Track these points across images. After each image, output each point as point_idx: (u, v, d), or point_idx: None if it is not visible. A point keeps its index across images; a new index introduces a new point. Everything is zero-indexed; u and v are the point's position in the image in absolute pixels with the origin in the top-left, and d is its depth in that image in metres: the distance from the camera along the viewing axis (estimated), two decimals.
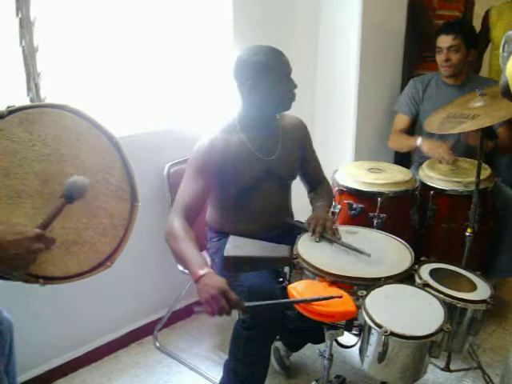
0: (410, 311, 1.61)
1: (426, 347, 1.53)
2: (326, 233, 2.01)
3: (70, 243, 1.53)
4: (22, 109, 1.50)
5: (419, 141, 2.91)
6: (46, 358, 2.39)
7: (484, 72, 3.40)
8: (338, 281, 1.74)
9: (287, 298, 1.71)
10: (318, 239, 1.99)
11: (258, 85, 2.00)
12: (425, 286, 1.73)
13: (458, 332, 1.71)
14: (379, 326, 1.52)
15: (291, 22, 3.03)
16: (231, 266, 1.85)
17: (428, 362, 1.58)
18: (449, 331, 1.52)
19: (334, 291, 1.67)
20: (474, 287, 1.76)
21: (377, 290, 1.69)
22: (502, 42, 1.61)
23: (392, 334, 1.49)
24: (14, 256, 1.33)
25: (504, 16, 3.30)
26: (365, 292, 1.66)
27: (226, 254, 1.84)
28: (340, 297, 1.61)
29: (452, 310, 1.68)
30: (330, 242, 1.98)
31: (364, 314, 1.58)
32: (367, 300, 1.63)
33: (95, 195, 1.58)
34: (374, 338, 1.56)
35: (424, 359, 1.55)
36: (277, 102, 2.05)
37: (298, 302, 1.65)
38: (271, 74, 1.99)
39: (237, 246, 1.87)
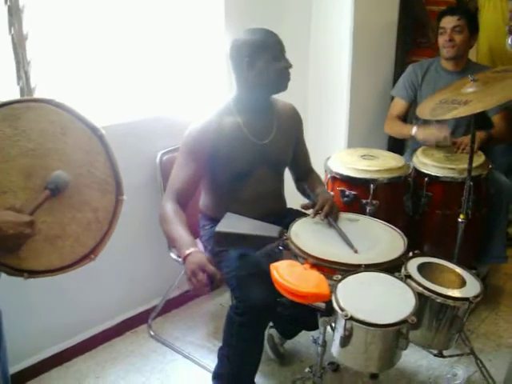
0: (380, 300, 1.60)
1: (389, 336, 1.51)
2: (330, 215, 2.02)
3: (54, 237, 1.52)
4: (7, 104, 1.50)
5: (414, 130, 2.90)
6: (39, 347, 2.39)
7: (472, 56, 3.38)
8: (318, 264, 1.75)
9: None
10: (322, 218, 2.01)
11: (255, 62, 2.01)
12: (406, 277, 1.71)
13: (440, 329, 1.69)
14: (342, 310, 1.52)
15: (284, 9, 3.01)
16: (222, 242, 1.89)
17: (398, 352, 1.57)
18: (414, 323, 1.50)
19: (313, 274, 1.69)
20: (462, 284, 1.73)
21: (353, 276, 1.69)
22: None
23: (352, 318, 1.49)
24: (6, 237, 1.34)
25: None
26: (340, 276, 1.67)
27: (217, 229, 1.87)
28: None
29: (433, 305, 1.67)
30: (330, 225, 2.00)
31: (332, 297, 1.58)
32: (340, 285, 1.64)
33: (79, 189, 1.57)
34: (339, 322, 1.57)
35: (391, 349, 1.54)
36: (273, 79, 2.05)
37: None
38: (267, 52, 2.01)
39: (229, 223, 1.90)
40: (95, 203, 1.61)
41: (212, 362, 2.19)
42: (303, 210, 2.13)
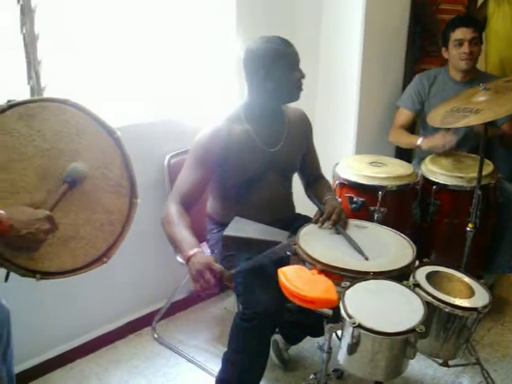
0: (388, 308, 1.59)
1: (397, 345, 1.50)
2: (338, 223, 2.02)
3: (68, 238, 1.52)
4: (23, 103, 1.49)
5: (420, 141, 2.89)
6: (44, 348, 2.39)
7: (480, 65, 3.37)
8: (326, 270, 1.74)
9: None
10: (330, 226, 2.00)
11: (271, 73, 1.99)
12: (415, 286, 1.70)
13: (448, 338, 1.68)
14: (350, 317, 1.51)
15: (294, 15, 3.01)
16: (229, 246, 1.89)
17: (405, 361, 1.56)
18: (422, 332, 1.48)
19: (322, 280, 1.68)
20: (471, 294, 1.72)
21: (362, 283, 1.68)
22: None
23: (360, 326, 1.48)
24: (25, 236, 1.33)
25: (502, 6, 3.27)
26: (348, 283, 1.66)
27: (225, 233, 1.87)
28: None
29: (441, 315, 1.65)
30: (338, 232, 1.99)
31: (340, 304, 1.57)
32: (348, 291, 1.63)
33: (94, 191, 1.57)
34: (346, 329, 1.56)
35: (398, 358, 1.52)
36: (287, 90, 2.04)
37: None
38: (283, 62, 2.00)
39: (237, 227, 1.91)
40: (109, 205, 1.60)
41: (216, 366, 2.18)
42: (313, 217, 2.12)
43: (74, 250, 1.53)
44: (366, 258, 1.83)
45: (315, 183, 2.36)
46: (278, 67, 1.99)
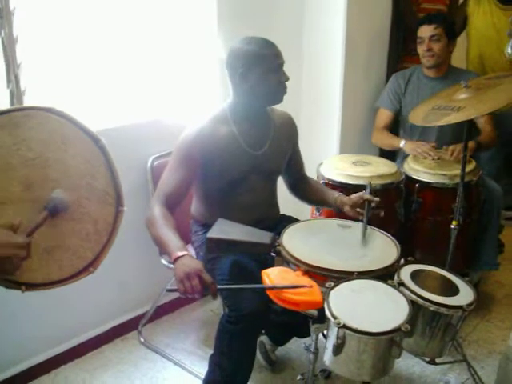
0: (373, 308, 1.59)
1: (382, 345, 1.50)
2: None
3: (53, 249, 1.49)
4: (6, 112, 1.47)
5: (402, 143, 2.91)
6: (28, 354, 2.36)
7: (461, 63, 3.38)
8: (310, 271, 1.73)
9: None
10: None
11: (249, 73, 1.99)
12: (399, 285, 1.69)
13: (433, 336, 1.68)
14: (334, 318, 1.51)
15: (276, 16, 3.01)
16: (213, 248, 1.87)
17: (391, 361, 1.55)
18: (407, 331, 1.48)
19: (305, 281, 1.66)
20: (456, 292, 1.72)
21: (346, 283, 1.67)
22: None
23: (345, 326, 1.47)
24: (1, 259, 1.30)
25: (482, 5, 3.29)
26: (332, 284, 1.65)
27: (209, 235, 1.85)
28: (311, 286, 1.62)
29: (426, 313, 1.65)
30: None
31: (325, 304, 1.57)
32: (332, 292, 1.62)
33: (79, 200, 1.55)
34: (331, 330, 1.55)
35: (383, 358, 1.52)
36: (267, 93, 2.04)
37: (268, 289, 1.66)
38: (262, 63, 1.98)
39: (221, 229, 1.88)
40: (95, 214, 1.58)
41: (203, 369, 2.17)
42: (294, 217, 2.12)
43: (60, 260, 1.51)
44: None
45: (306, 183, 2.38)
46: (257, 69, 1.98)
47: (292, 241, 1.90)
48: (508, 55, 2.73)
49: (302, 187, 2.38)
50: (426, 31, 2.90)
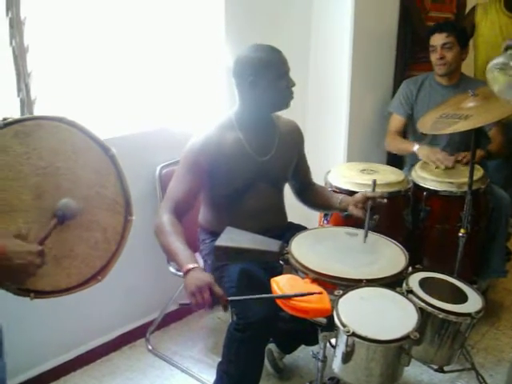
0: (382, 315, 1.58)
1: (391, 353, 1.49)
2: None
3: (62, 257, 1.51)
4: (18, 121, 1.48)
5: (416, 148, 2.90)
6: (37, 361, 2.37)
7: (469, 71, 3.39)
8: (319, 278, 1.73)
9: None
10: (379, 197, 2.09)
11: (259, 81, 2.01)
12: (408, 292, 1.69)
13: (442, 344, 1.67)
14: (344, 326, 1.50)
15: (283, 22, 3.03)
16: (221, 256, 1.87)
17: (400, 369, 1.55)
18: (416, 339, 1.48)
19: (315, 288, 1.66)
20: (464, 299, 1.71)
21: (355, 291, 1.67)
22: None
23: (354, 334, 1.47)
24: (17, 267, 1.31)
25: (489, 13, 3.30)
26: (341, 292, 1.65)
27: (217, 243, 1.85)
28: (320, 293, 1.62)
29: (435, 321, 1.64)
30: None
31: (334, 312, 1.57)
32: (341, 300, 1.62)
33: (89, 209, 1.56)
34: (340, 337, 1.55)
35: (392, 366, 1.52)
36: (276, 99, 2.06)
37: (278, 298, 1.66)
38: (272, 71, 2.01)
39: (229, 237, 1.88)
40: (104, 223, 1.59)
41: (211, 377, 2.17)
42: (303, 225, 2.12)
43: (69, 268, 1.52)
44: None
45: (312, 189, 2.38)
46: (265, 77, 2.00)
47: (300, 249, 1.90)
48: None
49: (308, 193, 2.39)
50: (438, 39, 2.90)
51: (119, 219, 1.64)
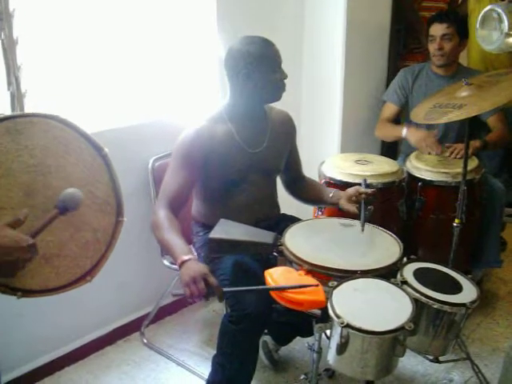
0: (376, 306, 1.59)
1: (386, 344, 1.49)
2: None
3: (51, 256, 1.49)
4: (10, 118, 1.46)
5: (404, 131, 2.91)
6: (31, 356, 2.36)
7: (463, 60, 3.37)
8: (313, 270, 1.73)
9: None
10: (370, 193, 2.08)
11: (252, 74, 1.99)
12: (403, 283, 1.69)
13: (437, 334, 1.68)
14: (338, 317, 1.50)
15: (276, 14, 3.01)
16: (215, 248, 1.87)
17: (395, 359, 1.55)
18: (411, 330, 1.48)
19: (309, 280, 1.66)
20: (459, 289, 1.72)
21: (349, 282, 1.67)
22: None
23: (349, 325, 1.47)
24: (4, 262, 1.29)
25: (482, 3, 3.28)
26: (335, 283, 1.65)
27: (211, 235, 1.85)
28: (317, 285, 1.62)
29: (429, 311, 1.65)
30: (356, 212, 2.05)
31: (328, 304, 1.57)
32: (335, 291, 1.62)
33: (80, 208, 1.55)
34: (335, 329, 1.55)
35: (387, 357, 1.52)
36: (269, 91, 2.04)
37: (274, 290, 1.66)
38: (265, 64, 1.99)
39: (223, 230, 1.88)
40: (95, 223, 1.58)
41: (206, 369, 2.17)
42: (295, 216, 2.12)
43: (58, 267, 1.50)
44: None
45: (303, 182, 2.38)
46: (260, 68, 1.99)
47: (294, 240, 1.90)
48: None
49: (299, 186, 2.38)
50: (437, 30, 2.88)
51: (110, 220, 1.62)
